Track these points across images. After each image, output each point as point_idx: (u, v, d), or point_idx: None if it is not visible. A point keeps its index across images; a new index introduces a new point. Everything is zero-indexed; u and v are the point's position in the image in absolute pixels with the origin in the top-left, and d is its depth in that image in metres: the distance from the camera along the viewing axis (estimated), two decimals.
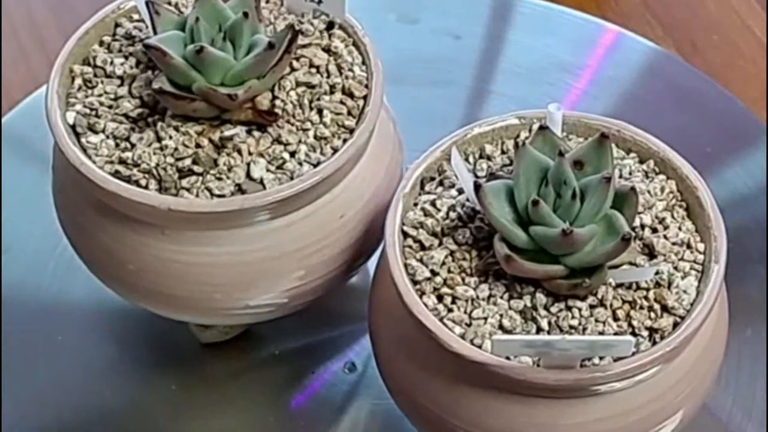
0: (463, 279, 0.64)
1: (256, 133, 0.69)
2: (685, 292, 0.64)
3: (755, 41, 1.04)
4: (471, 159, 0.70)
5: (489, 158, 0.70)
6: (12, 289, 0.84)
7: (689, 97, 0.95)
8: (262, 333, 0.82)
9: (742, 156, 0.91)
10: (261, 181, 0.68)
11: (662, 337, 0.62)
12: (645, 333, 0.62)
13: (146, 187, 0.67)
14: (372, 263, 0.73)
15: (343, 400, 0.80)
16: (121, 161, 0.68)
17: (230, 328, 0.80)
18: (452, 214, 0.67)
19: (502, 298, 0.64)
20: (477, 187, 0.62)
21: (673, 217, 0.67)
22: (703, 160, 0.86)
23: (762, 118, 0.94)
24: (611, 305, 0.63)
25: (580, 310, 0.63)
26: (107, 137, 0.69)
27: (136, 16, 0.75)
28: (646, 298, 0.63)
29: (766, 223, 0.87)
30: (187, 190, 0.67)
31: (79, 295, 0.83)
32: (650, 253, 0.65)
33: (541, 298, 0.63)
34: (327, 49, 0.73)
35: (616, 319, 0.63)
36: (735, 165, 0.90)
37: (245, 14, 0.68)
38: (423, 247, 0.66)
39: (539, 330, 0.63)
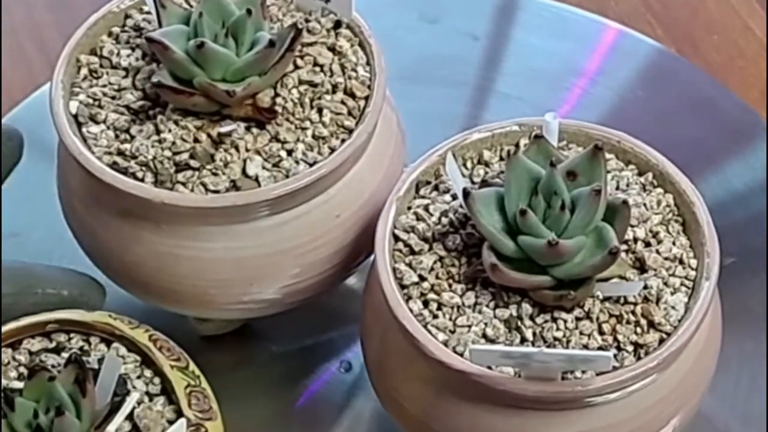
0: (450, 285, 0.64)
1: (255, 130, 0.69)
2: (673, 308, 0.63)
3: (755, 41, 1.02)
4: (469, 164, 0.70)
5: (487, 164, 0.69)
6: None
7: (690, 96, 0.94)
8: (261, 333, 0.82)
9: (743, 155, 0.90)
10: (256, 179, 0.67)
11: (647, 353, 0.61)
12: (630, 348, 0.62)
13: (142, 180, 0.67)
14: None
15: (342, 400, 0.80)
16: (120, 152, 0.68)
17: (228, 322, 0.81)
18: (444, 220, 0.66)
19: (487, 306, 0.63)
20: (466, 194, 0.62)
21: (668, 231, 0.66)
22: (703, 159, 0.85)
23: (762, 118, 0.93)
24: (597, 318, 0.62)
25: (565, 322, 0.62)
26: (107, 128, 0.69)
27: (146, 8, 0.74)
28: (633, 312, 0.62)
29: (766, 223, 0.85)
30: (183, 184, 0.67)
31: None
32: (641, 267, 0.64)
33: (527, 308, 0.63)
34: (332, 48, 0.72)
35: (601, 332, 0.62)
36: (735, 164, 0.89)
37: (248, 11, 0.68)
38: (413, 252, 0.65)
39: (523, 340, 0.62)
